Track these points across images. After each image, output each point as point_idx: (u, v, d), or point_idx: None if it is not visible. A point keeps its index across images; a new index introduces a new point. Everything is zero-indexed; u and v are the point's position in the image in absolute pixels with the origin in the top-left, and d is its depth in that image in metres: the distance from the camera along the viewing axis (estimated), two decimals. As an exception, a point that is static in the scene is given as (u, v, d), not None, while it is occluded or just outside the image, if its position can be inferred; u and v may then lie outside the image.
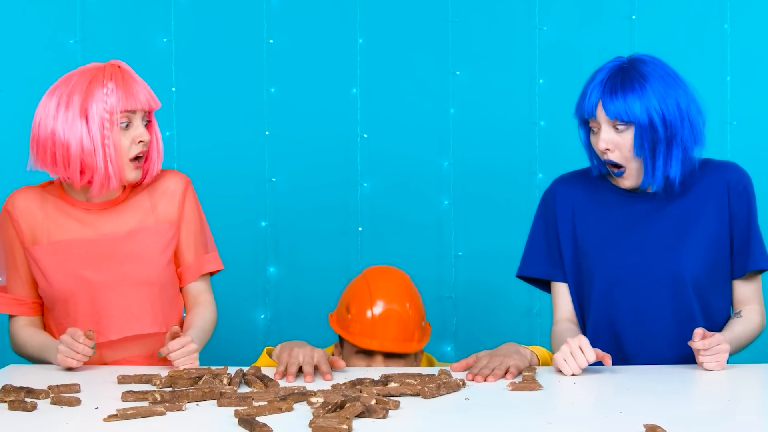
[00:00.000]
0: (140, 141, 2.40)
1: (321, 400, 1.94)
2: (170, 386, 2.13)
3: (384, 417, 1.87)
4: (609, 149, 2.35)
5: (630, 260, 2.40)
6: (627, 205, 2.44)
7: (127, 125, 2.39)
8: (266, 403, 1.92)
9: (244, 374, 2.18)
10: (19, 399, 1.97)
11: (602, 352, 2.24)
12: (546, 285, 2.54)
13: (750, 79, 3.47)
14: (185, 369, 2.21)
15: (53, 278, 2.42)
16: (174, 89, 3.48)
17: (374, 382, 2.11)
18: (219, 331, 2.60)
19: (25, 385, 2.06)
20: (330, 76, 3.52)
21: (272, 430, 1.76)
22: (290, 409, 1.91)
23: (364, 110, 3.52)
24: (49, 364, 2.37)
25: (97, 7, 3.47)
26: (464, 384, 2.14)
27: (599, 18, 3.50)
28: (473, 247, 3.52)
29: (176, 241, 2.51)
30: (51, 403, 1.99)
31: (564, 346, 2.23)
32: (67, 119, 2.35)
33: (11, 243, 2.46)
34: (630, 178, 2.39)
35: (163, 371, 2.26)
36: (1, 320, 2.94)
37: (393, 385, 2.05)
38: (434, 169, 3.53)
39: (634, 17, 3.48)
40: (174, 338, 2.30)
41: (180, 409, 1.94)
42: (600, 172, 2.45)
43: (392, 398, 1.97)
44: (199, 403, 1.98)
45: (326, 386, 2.13)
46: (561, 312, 2.50)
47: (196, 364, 2.30)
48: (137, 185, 2.49)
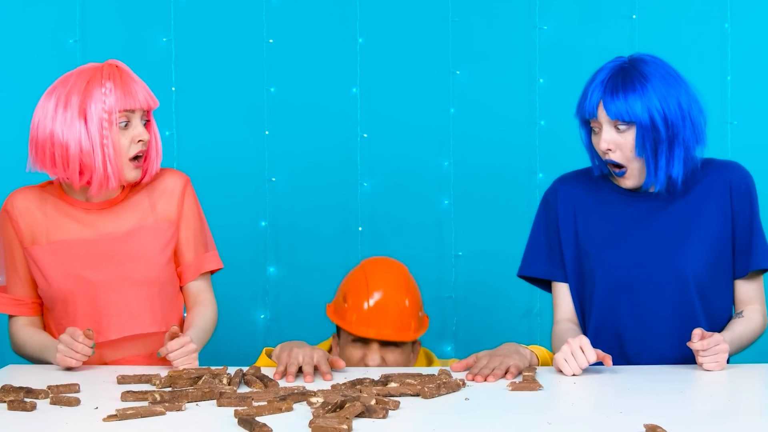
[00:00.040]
0: (139, 140, 2.39)
1: (321, 400, 1.93)
2: (170, 386, 2.13)
3: (384, 417, 1.86)
4: (610, 149, 2.34)
5: (632, 260, 2.39)
6: (629, 205, 2.43)
7: (126, 125, 2.38)
8: (266, 403, 1.91)
9: (244, 374, 2.18)
10: (19, 399, 1.97)
11: (603, 353, 2.24)
12: (547, 285, 2.54)
13: (750, 79, 3.47)
14: (185, 369, 2.21)
15: (52, 278, 2.42)
16: (173, 89, 3.48)
17: (374, 382, 2.10)
18: (219, 331, 2.59)
19: (25, 385, 2.05)
20: (330, 76, 3.52)
21: (272, 430, 1.75)
22: (290, 409, 1.91)
23: (364, 110, 3.52)
24: (49, 364, 2.37)
25: (97, 7, 3.47)
26: (464, 384, 2.13)
27: (599, 17, 3.49)
28: (473, 247, 3.52)
29: (176, 240, 2.50)
30: (50, 403, 1.99)
31: (565, 346, 2.23)
32: (66, 120, 2.34)
33: (10, 243, 2.46)
34: (631, 178, 2.38)
35: (163, 371, 2.26)
36: (1, 320, 2.93)
37: (393, 385, 2.05)
38: (434, 169, 3.52)
39: (635, 17, 3.47)
40: (173, 338, 2.30)
41: (179, 409, 1.93)
42: (601, 172, 2.45)
43: (392, 398, 1.96)
44: (199, 403, 1.98)
45: (326, 386, 2.12)
46: (562, 312, 2.49)
47: (196, 364, 2.30)
48: (136, 185, 2.49)
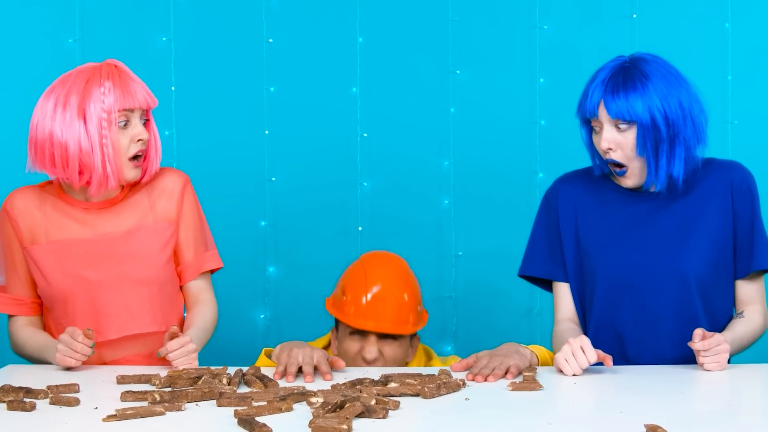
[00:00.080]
0: (139, 139, 2.39)
1: (321, 400, 1.93)
2: (169, 386, 2.13)
3: (384, 417, 1.86)
4: (611, 149, 2.34)
5: (632, 260, 2.39)
6: (629, 205, 2.43)
7: (125, 124, 2.38)
8: (266, 403, 1.91)
9: (244, 374, 2.17)
10: (18, 399, 1.97)
11: (603, 353, 2.23)
12: (548, 284, 2.53)
13: (751, 78, 3.46)
14: (184, 369, 2.21)
15: (52, 278, 2.42)
16: (173, 88, 3.47)
17: (374, 382, 2.10)
18: (218, 331, 2.59)
19: (24, 385, 2.05)
20: (330, 75, 3.52)
21: (272, 430, 1.75)
22: (290, 409, 1.91)
23: (364, 109, 3.51)
24: (48, 364, 2.37)
25: (96, 6, 3.46)
26: (464, 384, 2.13)
27: (600, 17, 3.49)
28: (473, 247, 3.52)
29: (175, 240, 2.50)
30: (50, 403, 1.98)
31: (565, 346, 2.22)
32: (65, 120, 2.34)
33: (10, 243, 2.46)
34: (632, 178, 2.38)
35: (163, 371, 2.25)
36: (0, 320, 2.93)
37: (393, 385, 2.05)
38: (434, 169, 3.52)
39: (635, 16, 3.47)
40: (173, 338, 2.30)
41: (179, 409, 1.93)
42: (602, 172, 2.44)
43: (392, 398, 1.96)
44: (199, 403, 1.98)
45: (326, 386, 2.12)
46: (562, 312, 2.49)
47: (195, 364, 2.29)
48: (136, 184, 2.48)
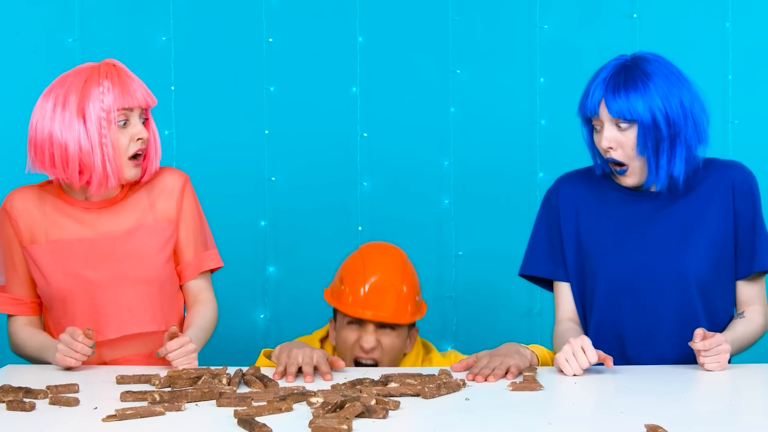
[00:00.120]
0: (138, 138, 2.39)
1: (321, 401, 1.93)
2: (169, 386, 2.12)
3: (384, 417, 1.86)
4: (612, 147, 2.34)
5: (633, 260, 2.38)
6: (630, 204, 2.42)
7: (125, 123, 2.38)
8: (266, 404, 1.91)
9: (244, 374, 2.17)
10: (18, 399, 1.97)
11: (604, 354, 2.23)
12: (548, 284, 2.53)
13: (752, 78, 3.46)
14: (184, 369, 2.20)
15: (52, 277, 2.41)
16: (173, 88, 3.47)
17: (374, 382, 2.10)
18: (218, 331, 2.59)
19: (24, 385, 2.05)
20: (330, 75, 3.52)
21: (272, 431, 1.75)
22: (290, 410, 1.90)
23: (364, 109, 3.51)
24: (48, 364, 2.37)
25: (96, 6, 3.46)
26: (464, 384, 2.13)
27: (600, 16, 3.49)
28: (474, 247, 3.52)
29: (175, 239, 2.50)
30: (49, 403, 1.98)
31: (566, 346, 2.22)
32: (64, 120, 2.34)
33: (9, 242, 2.45)
34: (633, 176, 2.38)
35: (162, 371, 2.25)
36: (0, 320, 2.92)
37: (393, 385, 2.04)
38: (434, 168, 3.52)
39: (635, 15, 3.47)
40: (172, 338, 2.29)
41: (179, 410, 1.93)
42: (603, 171, 2.44)
43: (392, 398, 1.96)
44: (198, 404, 1.98)
45: (326, 386, 2.12)
46: (563, 311, 2.48)
47: (195, 364, 2.29)
48: (135, 183, 2.48)
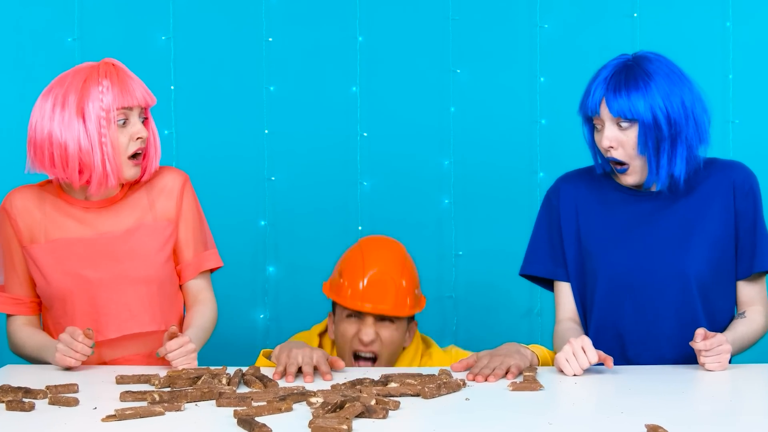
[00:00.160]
0: (138, 137, 2.38)
1: (320, 401, 1.93)
2: (169, 386, 2.12)
3: (384, 417, 1.86)
4: (612, 147, 2.33)
5: (634, 260, 2.38)
6: (631, 204, 2.42)
7: (124, 122, 2.37)
8: (265, 404, 1.91)
9: (243, 374, 2.17)
10: (17, 399, 1.97)
11: (604, 354, 2.22)
12: (549, 284, 2.53)
13: (752, 78, 3.46)
14: (184, 369, 2.20)
15: (51, 277, 2.41)
16: (173, 87, 3.47)
17: (374, 382, 2.10)
18: (218, 331, 2.59)
19: (23, 385, 2.05)
20: (330, 75, 3.51)
21: (271, 431, 1.75)
22: (289, 410, 1.90)
23: (364, 109, 3.51)
24: (47, 364, 2.36)
25: (95, 5, 3.46)
26: (464, 384, 2.13)
27: (600, 16, 3.48)
28: (474, 247, 3.51)
29: (175, 239, 2.49)
30: (49, 404, 1.98)
31: (566, 346, 2.22)
32: (64, 119, 2.34)
33: (9, 242, 2.45)
34: (634, 175, 2.37)
35: (162, 371, 2.25)
36: (-1, 320, 2.92)
37: (393, 385, 2.04)
38: (435, 168, 3.51)
39: (636, 15, 3.47)
40: (172, 338, 2.29)
41: (179, 410, 1.93)
42: (604, 171, 2.44)
43: (392, 398, 1.96)
44: (198, 404, 1.97)
45: (326, 386, 2.12)
46: (564, 311, 2.48)
47: (195, 364, 2.29)
48: (135, 183, 2.48)
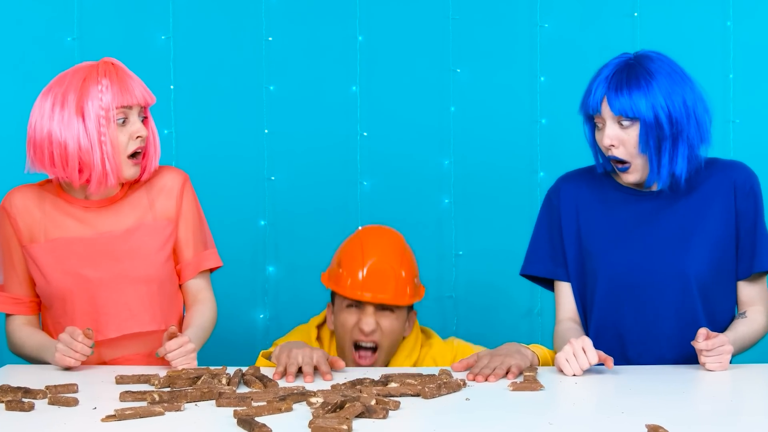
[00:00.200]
0: (138, 137, 2.38)
1: (320, 401, 1.92)
2: (168, 386, 2.12)
3: (384, 417, 1.85)
4: (614, 145, 2.33)
5: (634, 260, 2.38)
6: (632, 204, 2.42)
7: (124, 121, 2.37)
8: (265, 404, 1.91)
9: (243, 374, 2.17)
10: (17, 399, 1.96)
11: (605, 355, 2.22)
12: (549, 284, 2.53)
13: (753, 77, 3.46)
14: (183, 369, 2.20)
15: (51, 276, 2.41)
16: (172, 87, 3.46)
17: (374, 382, 2.09)
18: (218, 331, 2.58)
19: (23, 385, 2.05)
20: (329, 74, 3.51)
21: (272, 431, 1.74)
22: (289, 410, 1.90)
23: (364, 108, 3.50)
24: (47, 364, 2.36)
25: (95, 5, 3.45)
26: (465, 384, 2.13)
27: (601, 15, 3.48)
28: (474, 246, 3.51)
29: (174, 238, 2.49)
30: (48, 404, 1.98)
31: (567, 347, 2.22)
32: (63, 118, 2.33)
33: (9, 241, 2.45)
34: (634, 173, 2.37)
35: (162, 371, 2.25)
36: (-1, 319, 2.92)
37: (393, 385, 2.04)
38: (435, 168, 3.51)
39: (636, 14, 3.46)
40: (171, 338, 2.29)
41: (178, 410, 1.93)
42: (605, 170, 2.43)
43: (392, 398, 1.96)
44: (198, 404, 1.97)
45: (326, 386, 2.11)
46: (564, 311, 2.48)
47: (194, 364, 2.29)
48: (135, 182, 2.48)
